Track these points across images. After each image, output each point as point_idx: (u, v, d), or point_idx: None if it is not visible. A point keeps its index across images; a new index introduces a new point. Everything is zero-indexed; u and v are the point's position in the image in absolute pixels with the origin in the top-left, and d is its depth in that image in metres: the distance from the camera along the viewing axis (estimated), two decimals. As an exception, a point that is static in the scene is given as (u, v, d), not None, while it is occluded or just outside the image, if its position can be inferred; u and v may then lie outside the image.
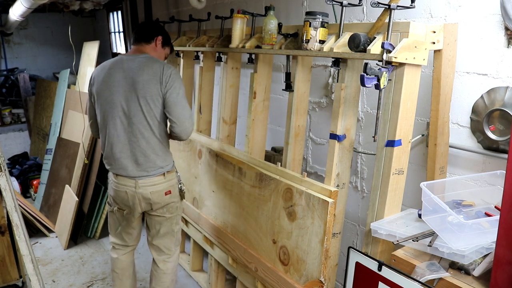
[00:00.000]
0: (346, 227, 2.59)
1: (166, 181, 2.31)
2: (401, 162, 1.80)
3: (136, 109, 2.18)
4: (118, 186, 2.30)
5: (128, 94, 2.18)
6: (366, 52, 1.69)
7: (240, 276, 2.54)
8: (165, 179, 2.30)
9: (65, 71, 4.75)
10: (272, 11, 2.22)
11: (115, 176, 2.30)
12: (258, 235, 2.29)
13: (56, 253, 3.69)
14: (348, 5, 1.85)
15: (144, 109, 2.17)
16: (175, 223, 2.43)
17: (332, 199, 1.83)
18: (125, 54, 2.32)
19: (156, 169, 2.26)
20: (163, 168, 2.29)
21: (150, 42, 2.32)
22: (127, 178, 2.26)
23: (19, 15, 4.02)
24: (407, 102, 1.74)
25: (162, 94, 2.17)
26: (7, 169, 2.22)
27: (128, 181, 2.26)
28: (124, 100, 2.19)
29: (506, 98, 1.71)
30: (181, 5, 3.93)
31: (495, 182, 1.77)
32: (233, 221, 2.52)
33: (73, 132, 4.14)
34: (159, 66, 2.19)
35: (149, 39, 2.32)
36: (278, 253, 2.14)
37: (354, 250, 1.71)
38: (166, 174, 2.29)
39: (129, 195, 2.28)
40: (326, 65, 2.56)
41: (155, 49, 2.34)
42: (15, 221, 2.19)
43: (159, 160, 2.26)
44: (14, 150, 5.64)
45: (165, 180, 2.30)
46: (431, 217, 1.64)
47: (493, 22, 1.74)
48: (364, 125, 2.41)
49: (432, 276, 1.51)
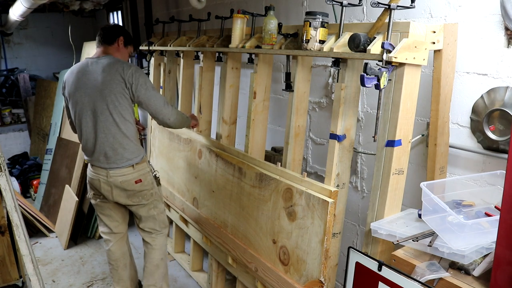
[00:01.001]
0: (346, 227, 2.59)
1: (136, 171, 2.48)
2: (401, 162, 1.80)
3: (102, 108, 2.37)
4: (93, 174, 2.54)
5: (95, 95, 2.37)
6: (366, 52, 1.69)
7: (240, 276, 2.53)
8: (134, 170, 2.48)
9: (65, 71, 4.73)
10: (272, 11, 2.22)
11: (91, 166, 2.55)
12: (258, 235, 2.29)
13: (56, 253, 3.69)
14: (348, 5, 1.85)
15: (109, 107, 2.36)
16: (153, 208, 2.61)
17: (332, 199, 1.83)
18: (90, 57, 2.49)
19: (125, 161, 2.45)
20: (132, 160, 2.47)
21: (113, 43, 2.52)
22: (100, 168, 2.49)
23: (19, 15, 4.02)
24: (407, 102, 1.74)
25: (129, 93, 2.37)
26: (7, 169, 2.23)
27: (101, 171, 2.49)
28: (91, 101, 2.39)
29: (506, 98, 1.71)
30: (181, 5, 3.93)
31: (495, 182, 1.77)
32: (233, 221, 2.52)
33: (73, 132, 4.13)
34: (120, 66, 2.36)
35: (111, 41, 2.52)
36: (278, 253, 2.14)
37: (354, 250, 1.71)
38: (135, 165, 2.47)
39: (101, 182, 2.50)
40: (326, 65, 2.56)
41: (118, 49, 2.54)
42: (15, 221, 2.19)
43: (126, 153, 2.45)
44: (14, 150, 5.64)
45: (134, 171, 2.48)
46: (431, 217, 1.64)
47: (493, 22, 1.74)
48: (364, 125, 2.41)
49: (432, 276, 1.51)
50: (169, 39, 3.32)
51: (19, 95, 5.72)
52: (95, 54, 2.53)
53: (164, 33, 3.54)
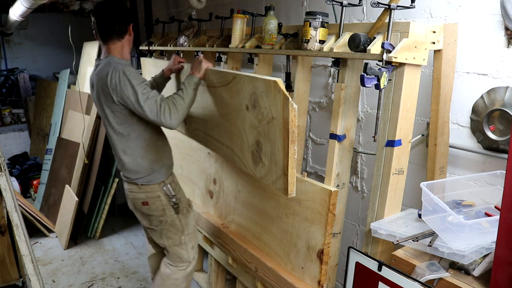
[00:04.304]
0: (346, 227, 2.59)
1: (142, 192, 2.19)
2: (401, 162, 1.80)
3: (104, 119, 2.14)
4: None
5: (98, 103, 2.14)
6: (366, 52, 1.69)
7: (240, 276, 2.54)
8: (140, 190, 2.19)
9: (65, 71, 4.75)
10: (272, 11, 2.22)
11: None
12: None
13: (56, 253, 3.69)
14: (348, 5, 1.85)
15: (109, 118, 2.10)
16: (165, 237, 2.28)
17: (332, 199, 1.83)
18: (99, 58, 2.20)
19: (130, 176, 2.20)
20: (137, 180, 2.18)
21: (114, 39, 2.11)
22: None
23: (19, 15, 4.01)
24: (407, 102, 1.74)
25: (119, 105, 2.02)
26: (7, 169, 2.23)
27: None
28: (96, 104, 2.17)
29: (506, 98, 1.71)
30: (181, 5, 3.93)
31: (495, 182, 1.77)
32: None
33: (73, 132, 4.14)
34: (106, 75, 2.00)
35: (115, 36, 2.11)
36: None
37: (354, 250, 1.71)
38: (139, 185, 2.18)
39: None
40: (326, 65, 2.56)
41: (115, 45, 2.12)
42: (15, 221, 2.19)
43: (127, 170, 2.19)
44: (14, 150, 5.64)
45: (140, 191, 2.19)
46: (431, 217, 1.65)
47: (493, 22, 1.74)
48: (364, 125, 2.41)
49: (432, 276, 1.51)
50: (169, 39, 3.32)
51: (19, 95, 5.71)
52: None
53: (164, 33, 3.54)
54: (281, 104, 1.56)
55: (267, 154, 1.73)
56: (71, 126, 4.23)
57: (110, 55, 2.11)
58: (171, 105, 1.97)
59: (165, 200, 2.21)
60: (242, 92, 1.81)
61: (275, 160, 1.68)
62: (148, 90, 1.98)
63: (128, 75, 1.96)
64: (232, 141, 2.01)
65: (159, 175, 2.19)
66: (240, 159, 1.97)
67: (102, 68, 2.06)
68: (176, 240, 2.28)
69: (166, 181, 2.22)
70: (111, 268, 3.44)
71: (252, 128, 1.80)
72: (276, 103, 1.59)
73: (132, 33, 2.17)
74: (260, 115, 1.71)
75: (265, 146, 1.74)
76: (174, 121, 1.98)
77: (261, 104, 1.69)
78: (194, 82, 2.06)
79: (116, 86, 1.97)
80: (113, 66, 2.01)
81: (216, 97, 2.07)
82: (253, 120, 1.78)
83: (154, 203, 2.20)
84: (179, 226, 2.26)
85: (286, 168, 1.62)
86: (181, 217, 2.26)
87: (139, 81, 1.98)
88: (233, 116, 1.93)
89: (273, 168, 1.71)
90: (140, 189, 2.18)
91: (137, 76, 2.01)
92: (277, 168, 1.68)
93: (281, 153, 1.62)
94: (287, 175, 1.63)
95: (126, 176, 2.22)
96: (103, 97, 2.05)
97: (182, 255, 2.32)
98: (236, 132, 1.94)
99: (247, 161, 1.91)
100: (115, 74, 1.97)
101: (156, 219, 2.24)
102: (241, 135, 1.90)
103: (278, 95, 1.56)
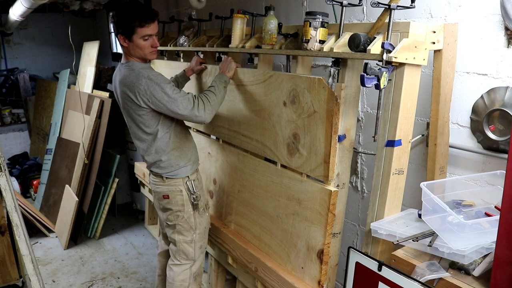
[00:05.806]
0: (346, 227, 2.59)
1: (165, 185, 2.27)
2: (401, 162, 1.80)
3: (130, 122, 2.21)
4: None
5: (121, 104, 2.21)
6: (366, 52, 1.69)
7: (240, 276, 2.54)
8: (164, 183, 2.27)
9: (65, 71, 4.75)
10: (272, 11, 2.22)
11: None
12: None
13: (56, 253, 3.69)
14: (348, 5, 1.85)
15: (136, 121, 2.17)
16: (177, 233, 2.32)
17: (332, 199, 1.83)
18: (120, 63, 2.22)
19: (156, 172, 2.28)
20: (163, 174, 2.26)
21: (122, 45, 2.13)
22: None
23: (19, 15, 4.01)
24: (407, 102, 1.74)
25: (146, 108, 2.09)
26: (7, 169, 2.23)
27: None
28: (122, 109, 2.24)
29: (506, 98, 1.71)
30: (181, 5, 3.93)
31: (495, 182, 1.77)
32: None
33: (73, 132, 4.14)
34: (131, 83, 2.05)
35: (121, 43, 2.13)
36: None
37: (354, 250, 1.71)
38: (165, 179, 2.26)
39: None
40: (326, 65, 2.55)
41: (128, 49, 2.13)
42: (15, 221, 2.20)
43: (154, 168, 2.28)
44: (14, 150, 5.64)
45: (164, 184, 2.27)
46: (431, 217, 1.65)
47: (493, 22, 1.74)
48: (364, 125, 2.41)
49: (432, 276, 1.51)
50: (169, 39, 3.32)
51: (19, 95, 5.71)
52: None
53: (164, 33, 3.54)
54: (325, 99, 1.75)
55: (306, 145, 1.91)
56: (71, 126, 4.24)
57: (130, 61, 2.14)
58: (205, 100, 2.09)
59: (186, 195, 2.28)
60: (280, 89, 1.99)
61: (315, 150, 1.86)
62: (177, 89, 2.08)
63: (154, 79, 2.05)
64: (264, 135, 2.18)
65: (185, 170, 2.27)
66: (272, 152, 2.14)
67: (126, 74, 2.10)
68: (187, 237, 2.33)
69: (191, 176, 2.30)
70: (111, 268, 3.44)
71: (290, 122, 1.98)
72: (319, 98, 1.78)
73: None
74: (300, 109, 1.90)
75: (303, 138, 1.92)
76: (208, 116, 2.10)
77: (301, 99, 1.88)
78: (225, 81, 2.20)
79: (145, 92, 2.04)
80: (136, 72, 2.07)
81: (246, 95, 2.24)
82: (291, 114, 1.96)
83: (174, 197, 2.27)
84: (193, 223, 2.32)
85: (328, 156, 1.80)
86: (197, 215, 2.33)
87: (166, 82, 2.07)
88: (267, 111, 2.11)
89: (312, 157, 1.88)
90: (165, 182, 2.26)
91: (163, 78, 2.10)
92: (317, 157, 1.86)
93: (323, 143, 1.81)
94: (328, 163, 1.81)
95: (153, 171, 2.29)
96: (128, 102, 2.11)
97: (189, 252, 2.36)
98: (270, 127, 2.12)
99: (280, 153, 2.08)
100: (141, 81, 2.05)
101: (173, 213, 2.30)
102: (275, 129, 2.08)
103: (323, 90, 1.76)
